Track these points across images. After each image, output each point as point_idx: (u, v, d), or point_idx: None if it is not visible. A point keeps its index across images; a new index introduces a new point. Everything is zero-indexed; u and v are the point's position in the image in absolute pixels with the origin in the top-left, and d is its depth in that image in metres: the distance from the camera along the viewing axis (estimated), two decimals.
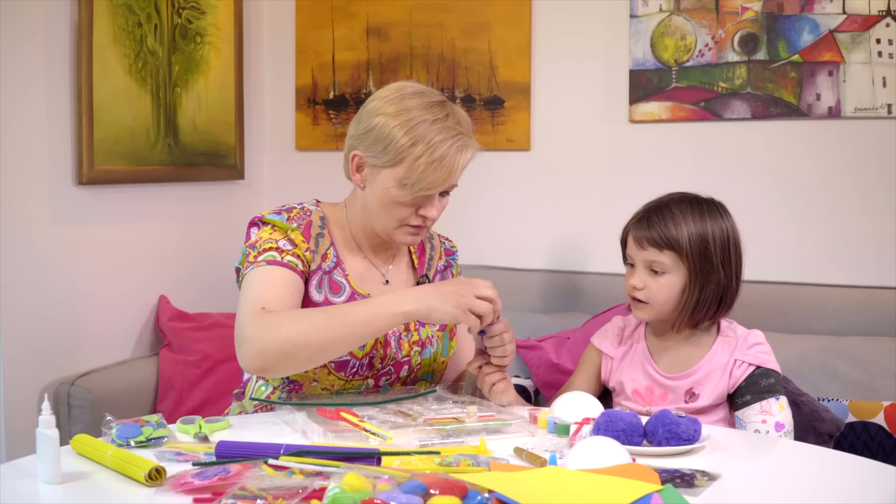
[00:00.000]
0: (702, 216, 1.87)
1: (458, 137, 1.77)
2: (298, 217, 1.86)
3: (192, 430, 1.62)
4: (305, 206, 1.90)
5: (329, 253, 1.86)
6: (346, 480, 1.21)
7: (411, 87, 1.84)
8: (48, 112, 2.51)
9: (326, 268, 1.85)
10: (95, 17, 2.58)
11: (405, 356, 1.87)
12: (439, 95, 1.84)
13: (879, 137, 2.63)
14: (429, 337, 1.91)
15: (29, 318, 2.46)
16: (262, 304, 1.70)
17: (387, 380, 1.86)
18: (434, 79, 3.12)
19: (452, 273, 2.05)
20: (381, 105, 1.82)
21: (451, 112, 1.81)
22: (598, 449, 1.40)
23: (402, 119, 1.77)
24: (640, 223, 1.89)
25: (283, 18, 3.31)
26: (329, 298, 1.83)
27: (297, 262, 1.79)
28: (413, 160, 1.76)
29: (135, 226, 2.80)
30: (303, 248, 1.81)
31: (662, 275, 1.86)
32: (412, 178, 1.76)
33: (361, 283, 1.89)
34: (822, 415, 2.01)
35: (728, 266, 1.87)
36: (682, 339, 1.92)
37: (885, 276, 2.61)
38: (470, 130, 1.82)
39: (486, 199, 3.08)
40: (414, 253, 2.01)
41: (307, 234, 1.84)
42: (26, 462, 1.46)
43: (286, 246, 1.80)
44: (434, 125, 1.76)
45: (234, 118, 3.12)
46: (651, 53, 2.83)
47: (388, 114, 1.79)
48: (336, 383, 1.82)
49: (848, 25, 2.62)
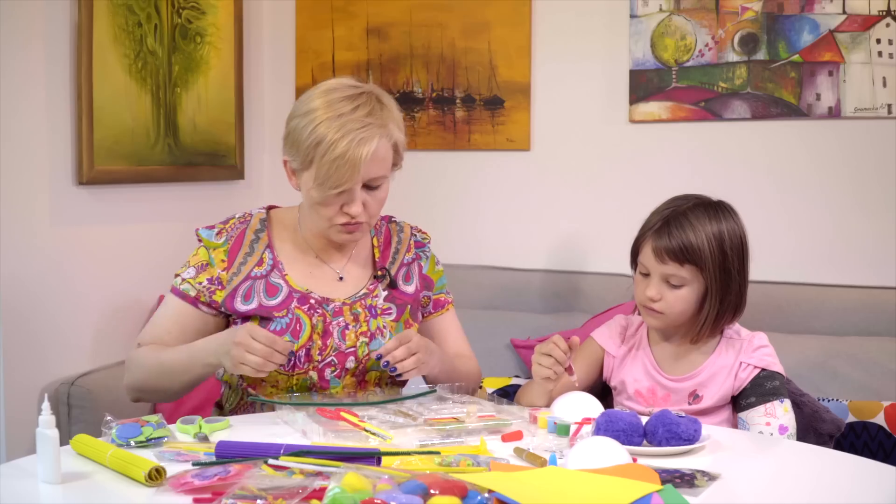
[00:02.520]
0: (718, 224, 1.83)
1: (362, 130, 1.76)
2: (233, 227, 1.93)
3: (192, 430, 1.62)
4: (248, 213, 1.96)
5: (265, 257, 1.90)
6: (346, 480, 1.21)
7: (326, 85, 1.84)
8: (48, 112, 2.51)
9: (260, 273, 1.89)
10: (95, 17, 2.58)
11: (350, 347, 1.87)
12: (355, 89, 1.82)
13: (879, 137, 2.63)
14: (379, 328, 1.90)
15: (29, 318, 2.46)
16: (142, 337, 1.92)
17: (332, 371, 1.86)
18: (434, 79, 3.12)
19: (421, 265, 2.02)
20: (295, 107, 1.84)
21: (363, 104, 1.79)
22: (598, 449, 1.40)
23: (308, 119, 1.78)
24: (659, 234, 1.84)
25: (283, 18, 3.32)
26: (263, 303, 1.86)
27: (191, 290, 1.88)
28: (319, 159, 1.77)
29: (135, 226, 2.80)
30: (219, 269, 1.88)
31: (680, 287, 1.84)
32: (321, 178, 1.78)
33: (308, 282, 1.90)
34: (822, 415, 2.00)
35: (742, 272, 1.86)
36: (686, 341, 1.91)
37: (884, 276, 2.61)
38: (386, 120, 1.81)
39: (486, 199, 3.08)
40: (377, 247, 2.01)
41: (237, 246, 1.90)
42: (26, 462, 1.46)
43: (189, 273, 1.90)
44: (336, 121, 1.76)
45: (234, 118, 3.12)
46: (651, 53, 2.83)
47: (298, 115, 1.82)
48: (280, 378, 1.85)
49: (848, 25, 2.62)
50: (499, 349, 2.68)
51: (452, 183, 3.12)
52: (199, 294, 1.88)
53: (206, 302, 1.88)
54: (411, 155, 3.17)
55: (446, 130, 3.12)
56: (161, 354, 1.85)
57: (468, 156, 3.11)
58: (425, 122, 3.15)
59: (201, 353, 1.79)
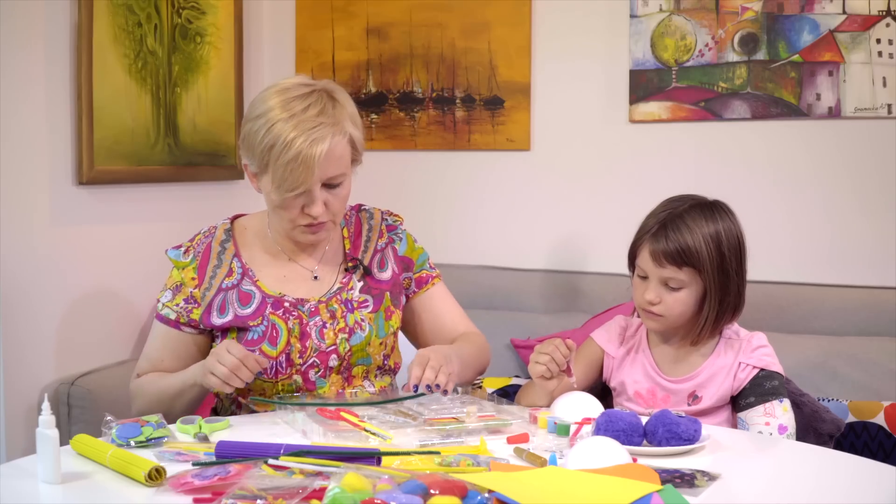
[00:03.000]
0: (715, 225, 1.83)
1: (315, 130, 1.74)
2: (199, 243, 1.93)
3: (192, 430, 1.62)
4: (213, 227, 1.95)
5: (234, 266, 1.89)
6: (346, 480, 1.21)
7: (279, 85, 1.82)
8: (48, 112, 2.51)
9: (231, 284, 1.88)
10: (95, 17, 2.57)
11: (330, 346, 1.86)
12: (307, 87, 1.80)
13: (879, 137, 2.63)
14: (358, 322, 1.89)
15: (29, 318, 2.46)
16: (139, 368, 1.94)
17: (316, 372, 1.85)
18: (434, 79, 3.12)
19: (395, 248, 2.00)
20: (250, 109, 1.83)
21: (314, 102, 1.77)
22: (598, 449, 1.40)
23: (262, 122, 1.77)
24: (656, 238, 1.84)
25: (283, 18, 3.31)
26: (238, 313, 1.85)
27: (171, 313, 1.90)
28: (274, 162, 1.75)
29: (135, 226, 2.80)
30: (191, 287, 1.88)
31: (679, 290, 1.84)
32: (277, 181, 1.76)
33: (283, 286, 1.89)
34: (822, 415, 2.01)
35: (740, 272, 1.87)
36: (686, 343, 1.91)
37: (884, 276, 2.61)
38: (339, 118, 1.78)
39: (486, 199, 3.08)
40: (348, 238, 1.99)
41: (205, 261, 1.90)
42: (26, 462, 1.46)
43: (166, 297, 1.91)
44: (289, 122, 1.74)
45: (234, 118, 3.12)
46: (651, 53, 2.83)
47: (252, 119, 1.80)
48: (265, 386, 1.85)
49: (848, 25, 2.62)
50: (499, 349, 2.68)
51: (452, 183, 3.12)
52: (179, 316, 1.89)
53: (185, 322, 1.89)
54: (411, 155, 3.21)
55: (446, 130, 3.12)
56: (159, 382, 1.87)
57: (468, 156, 3.11)
58: (425, 122, 3.15)
59: (189, 375, 1.81)
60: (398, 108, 3.17)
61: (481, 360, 1.99)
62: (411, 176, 3.16)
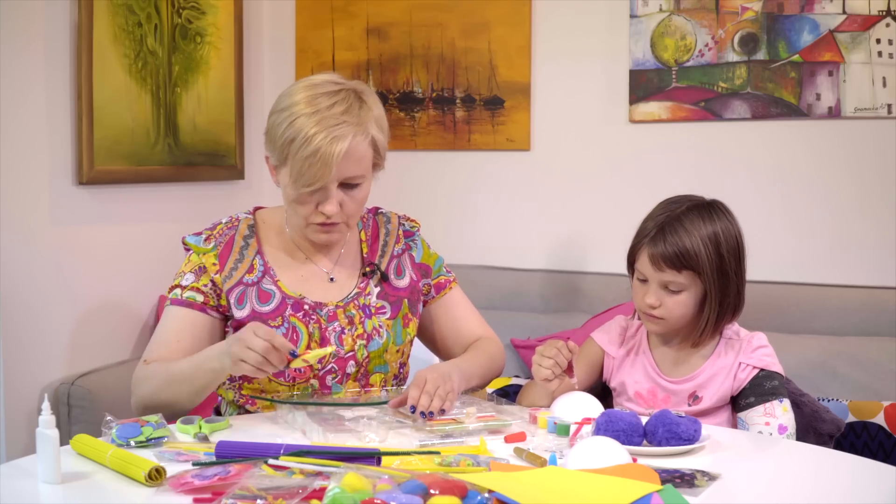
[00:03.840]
0: (713, 226, 1.83)
1: (337, 128, 1.72)
2: (221, 233, 1.89)
3: (192, 430, 1.62)
4: (235, 217, 1.92)
5: (255, 263, 1.87)
6: (346, 480, 1.21)
7: (310, 80, 1.81)
8: (48, 112, 2.51)
9: (252, 280, 1.85)
10: (95, 17, 2.57)
11: (349, 352, 1.83)
12: (337, 85, 1.79)
13: (879, 137, 2.63)
14: (376, 328, 1.87)
15: (29, 317, 2.46)
16: (148, 354, 1.84)
17: (333, 378, 1.83)
18: (434, 79, 3.12)
19: (412, 255, 1.98)
20: (277, 101, 1.81)
21: (341, 100, 1.75)
22: (598, 449, 1.40)
23: (286, 115, 1.76)
24: (654, 242, 1.83)
25: (283, 18, 3.32)
26: (256, 309, 1.82)
27: (197, 295, 1.84)
28: (293, 156, 1.74)
29: (135, 226, 2.80)
30: (212, 272, 1.84)
31: (679, 293, 1.84)
32: (295, 175, 1.75)
33: (300, 286, 1.87)
34: (822, 415, 2.00)
35: (739, 272, 1.86)
36: (687, 344, 1.91)
37: (884, 276, 2.62)
38: (364, 119, 1.76)
39: (486, 199, 3.08)
40: (365, 242, 1.97)
41: (227, 251, 1.86)
42: (26, 462, 1.46)
43: (188, 280, 1.85)
44: (312, 118, 1.73)
45: (234, 118, 3.12)
46: (651, 53, 2.83)
47: (277, 111, 1.79)
48: (280, 389, 1.82)
49: (848, 25, 2.62)
50: None
51: (452, 183, 3.12)
52: (207, 298, 1.84)
53: (214, 306, 1.84)
54: (411, 155, 3.21)
55: (446, 130, 3.12)
56: (170, 366, 1.79)
57: (468, 156, 3.11)
58: (425, 122, 3.15)
59: (205, 359, 1.74)
60: (398, 107, 3.17)
61: (492, 368, 1.96)
62: (411, 176, 3.16)
